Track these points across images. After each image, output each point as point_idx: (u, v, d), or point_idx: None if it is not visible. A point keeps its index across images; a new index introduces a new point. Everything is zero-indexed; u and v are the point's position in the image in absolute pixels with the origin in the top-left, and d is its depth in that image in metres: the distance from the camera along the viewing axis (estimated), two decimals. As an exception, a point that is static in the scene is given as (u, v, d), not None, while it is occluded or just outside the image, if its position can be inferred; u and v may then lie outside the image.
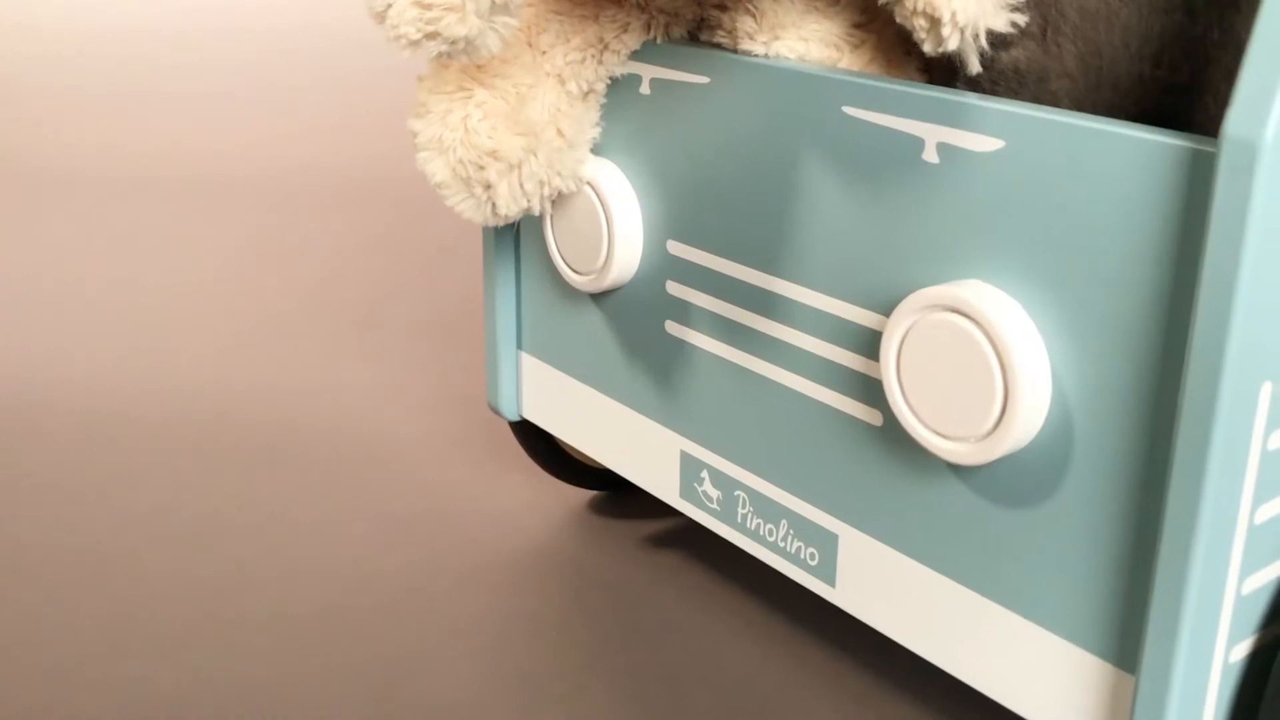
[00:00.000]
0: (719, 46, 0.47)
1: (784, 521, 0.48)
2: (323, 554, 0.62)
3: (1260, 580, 0.37)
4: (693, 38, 0.49)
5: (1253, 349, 0.33)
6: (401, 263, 1.06)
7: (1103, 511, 0.37)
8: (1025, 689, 0.40)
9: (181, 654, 0.55)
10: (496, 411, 0.61)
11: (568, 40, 0.49)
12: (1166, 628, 0.35)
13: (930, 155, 0.40)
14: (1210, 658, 0.36)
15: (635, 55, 0.49)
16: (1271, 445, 0.35)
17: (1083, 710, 0.39)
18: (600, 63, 0.49)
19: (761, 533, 0.49)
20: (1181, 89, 0.40)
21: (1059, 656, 0.39)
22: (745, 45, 0.45)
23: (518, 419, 0.61)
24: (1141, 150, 0.34)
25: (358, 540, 0.64)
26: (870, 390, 0.43)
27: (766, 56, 0.45)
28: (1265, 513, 0.36)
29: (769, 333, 0.46)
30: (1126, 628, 0.37)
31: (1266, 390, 0.34)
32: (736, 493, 0.49)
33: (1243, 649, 0.37)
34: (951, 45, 0.39)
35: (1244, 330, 0.33)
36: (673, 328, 0.51)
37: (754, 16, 0.45)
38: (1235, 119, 0.32)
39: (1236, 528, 0.35)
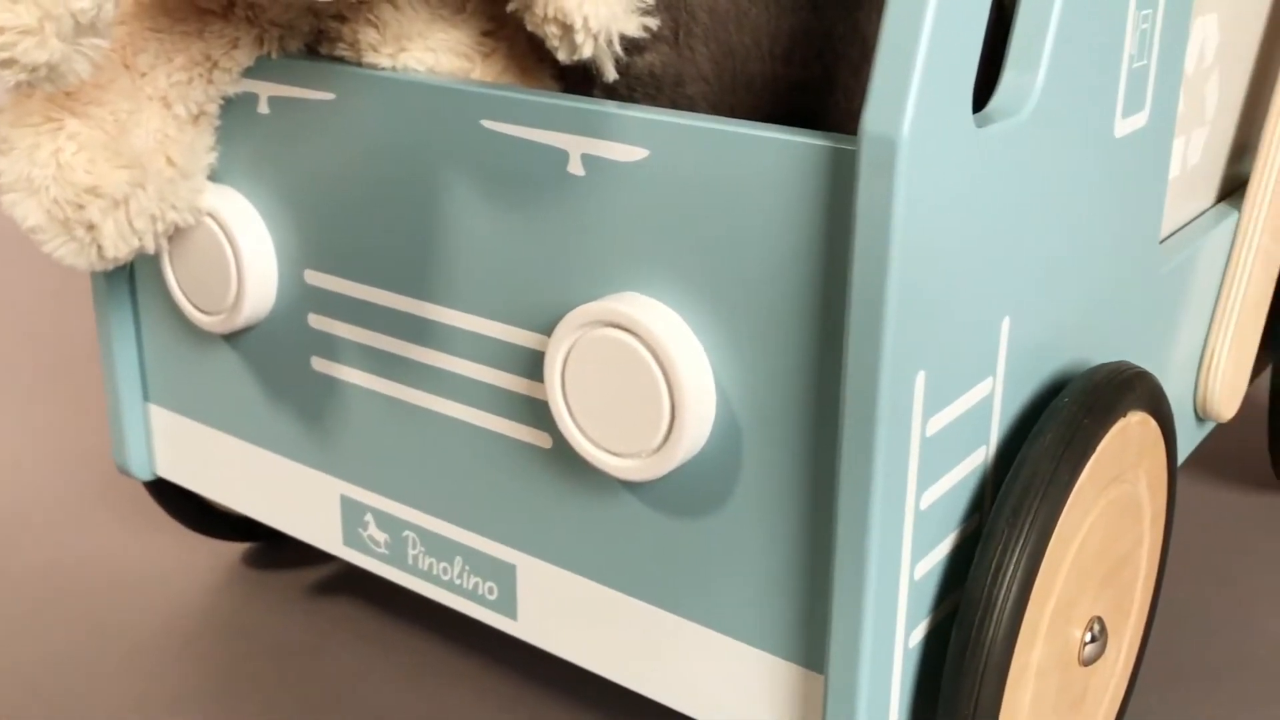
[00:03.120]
0: (341, 60, 0.44)
1: (458, 558, 0.45)
2: (-66, 654, 0.55)
3: (930, 563, 0.38)
4: (311, 51, 0.46)
5: (906, 341, 0.34)
6: None
7: (777, 514, 0.37)
8: (718, 701, 0.40)
9: None
10: (126, 472, 0.55)
11: (170, 60, 0.44)
12: (849, 622, 0.36)
13: (575, 167, 0.38)
14: (892, 645, 0.37)
15: (249, 72, 0.46)
16: (929, 432, 0.36)
17: (776, 715, 0.39)
18: (210, 82, 0.45)
19: (435, 572, 0.46)
20: (813, 86, 0.41)
21: (748, 665, 0.39)
22: (370, 58, 0.43)
23: (152, 478, 0.55)
24: (782, 151, 0.34)
25: (-24, 632, 0.56)
26: (537, 413, 0.41)
27: (394, 69, 0.42)
28: (929, 497, 0.37)
29: (425, 361, 0.44)
30: (810, 628, 0.38)
31: (921, 380, 0.35)
32: (405, 533, 0.47)
33: (920, 632, 0.38)
34: (586, 52, 0.38)
35: (897, 324, 0.33)
36: (319, 364, 0.47)
37: (376, 27, 0.42)
38: (872, 116, 0.32)
39: (905, 515, 0.36)
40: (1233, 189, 0.61)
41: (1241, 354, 0.58)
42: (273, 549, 0.63)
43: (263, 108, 0.46)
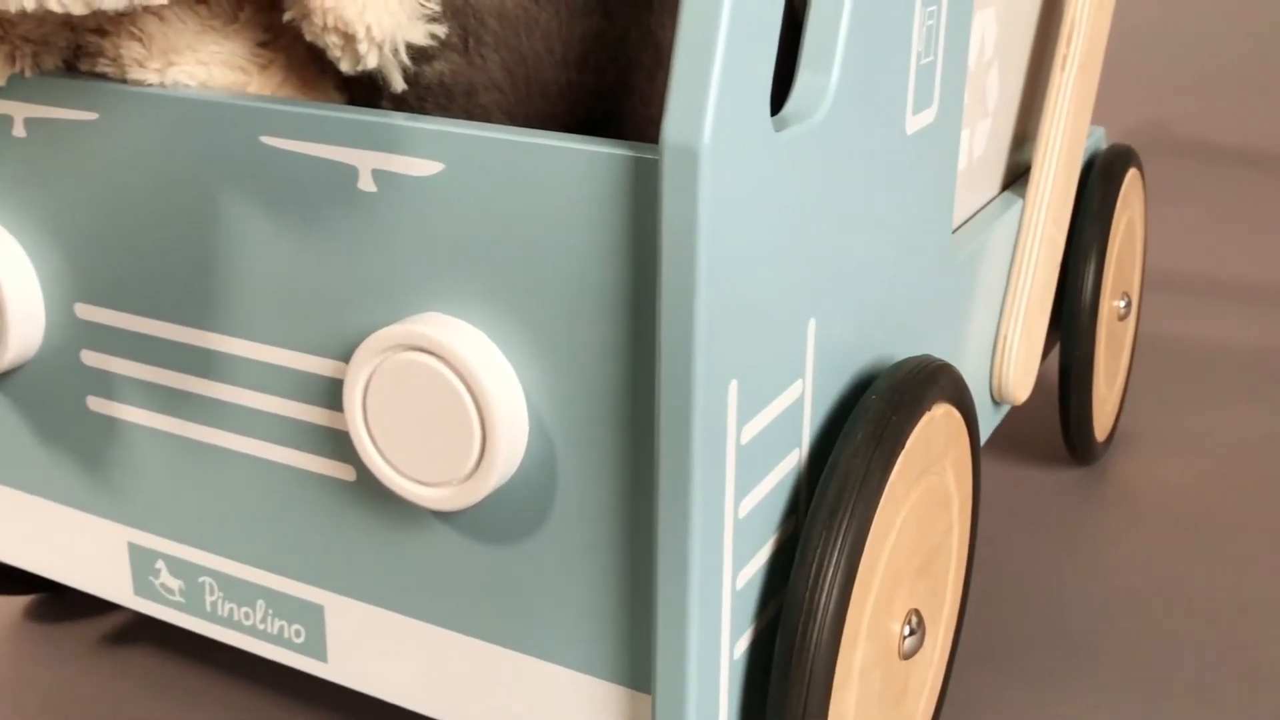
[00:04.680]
0: (104, 77, 0.41)
1: (260, 602, 0.43)
2: None
3: (750, 571, 0.37)
4: (71, 68, 0.42)
5: (717, 350, 0.33)
6: None
7: (596, 535, 0.36)
8: (546, 729, 0.39)
9: None
10: (-114, 529, 0.50)
11: (-93, 81, 0.40)
12: (673, 639, 0.35)
13: (366, 184, 0.36)
14: (718, 658, 0.36)
15: (2, 93, 0.42)
16: (744, 439, 0.35)
17: (606, 739, 0.38)
18: (-44, 104, 0.41)
19: (236, 618, 0.43)
20: (609, 92, 0.40)
21: (574, 690, 0.38)
22: (135, 74, 0.40)
23: (-85, 533, 0.51)
24: (582, 162, 0.33)
25: None
26: (338, 444, 0.39)
27: (162, 85, 0.40)
28: (747, 505, 0.36)
29: (214, 396, 0.41)
30: (635, 648, 0.37)
31: (734, 388, 0.34)
32: (201, 579, 0.44)
33: (744, 642, 0.38)
34: (371, 63, 0.36)
35: (708, 334, 0.32)
36: (96, 404, 0.44)
37: (141, 41, 0.40)
38: (672, 125, 0.31)
39: (725, 526, 0.35)
40: (1016, 177, 0.63)
41: (1032, 337, 0.59)
42: (58, 599, 0.59)
43: (18, 130, 0.42)
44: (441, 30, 0.37)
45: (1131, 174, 0.69)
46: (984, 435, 0.59)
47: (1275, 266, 1.05)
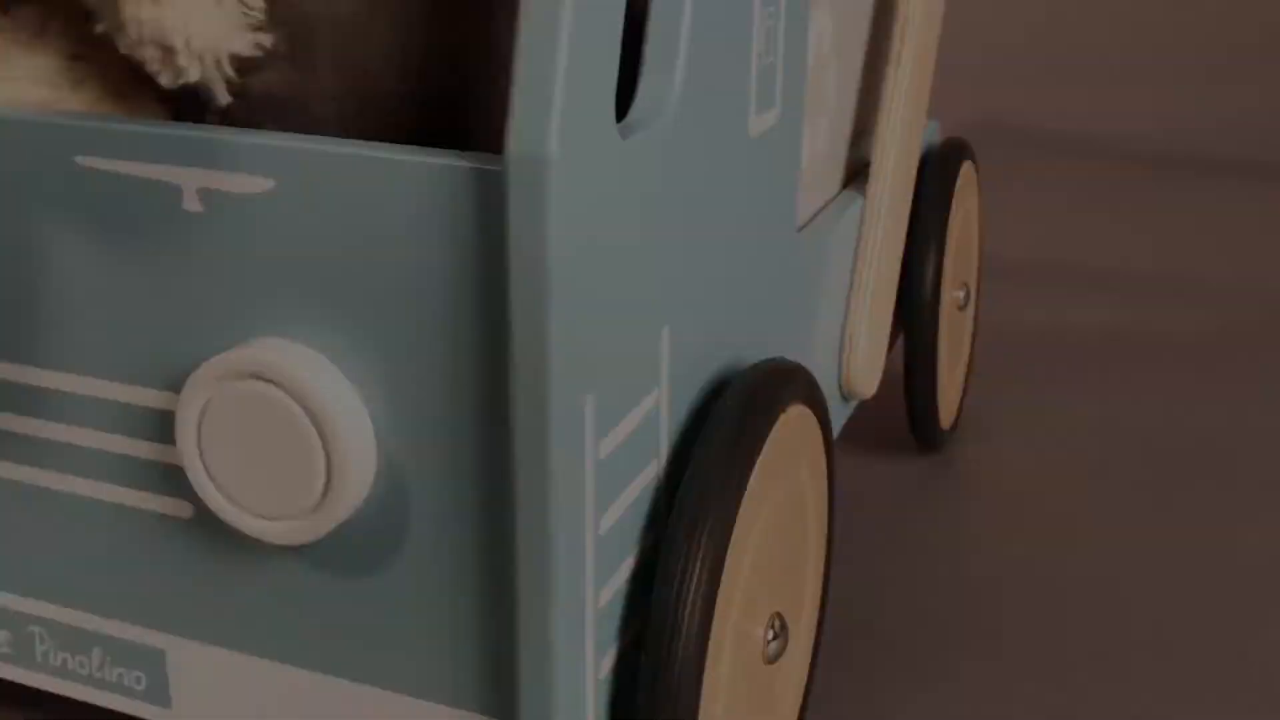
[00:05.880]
0: (-103, 94, 0.38)
1: (96, 649, 0.40)
2: None
3: (612, 589, 0.37)
4: None
5: (572, 365, 0.32)
6: None
7: (452, 560, 0.35)
8: (408, 763, 0.37)
9: None
10: None
11: None
12: (537, 663, 0.34)
13: (192, 204, 0.34)
14: (583, 680, 0.35)
15: None
16: (602, 454, 0.35)
17: (472, 770, 0.37)
18: None
19: (70, 667, 0.41)
20: (451, 101, 0.39)
21: (437, 721, 0.37)
22: (-67, 92, 0.37)
23: None
24: (422, 174, 0.32)
25: None
26: (172, 480, 0.37)
27: (-36, 103, 0.37)
28: (607, 521, 0.36)
29: (33, 433, 0.39)
30: (497, 674, 0.36)
31: (590, 403, 0.33)
32: (30, 629, 0.41)
33: (609, 661, 0.37)
34: (192, 76, 0.34)
35: (561, 348, 0.32)
36: (-96, 446, 0.41)
37: (-63, 56, 0.37)
38: (515, 136, 0.30)
39: (586, 544, 0.35)
40: (855, 173, 0.63)
41: (878, 332, 0.60)
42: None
43: None
44: (268, 39, 0.35)
45: (966, 166, 0.70)
46: (835, 431, 0.59)
47: (1106, 251, 1.09)
